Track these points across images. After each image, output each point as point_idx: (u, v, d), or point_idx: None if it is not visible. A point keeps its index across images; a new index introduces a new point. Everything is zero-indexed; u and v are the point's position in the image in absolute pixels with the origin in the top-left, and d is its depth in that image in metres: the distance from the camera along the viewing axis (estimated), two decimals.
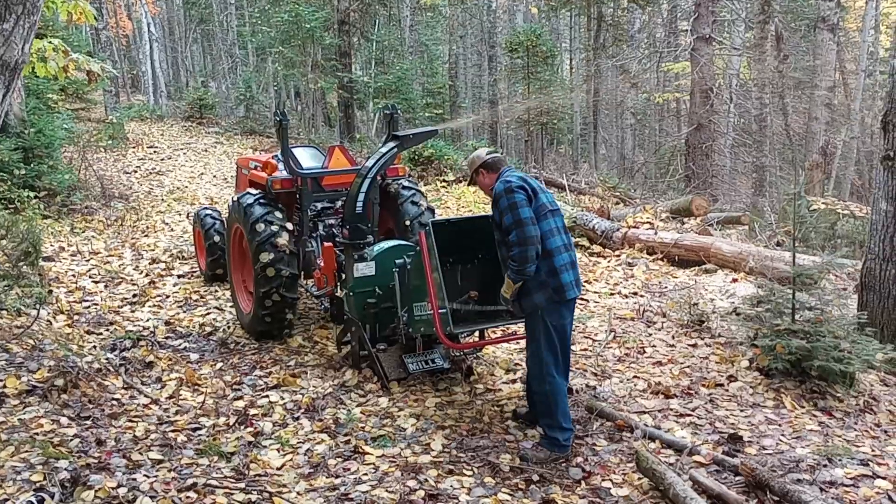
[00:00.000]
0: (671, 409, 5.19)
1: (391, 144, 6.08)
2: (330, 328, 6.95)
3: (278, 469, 4.53)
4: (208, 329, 7.07)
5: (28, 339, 6.08)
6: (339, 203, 7.07)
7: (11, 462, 4.29)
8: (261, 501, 4.10)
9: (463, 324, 5.22)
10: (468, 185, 4.45)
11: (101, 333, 6.81)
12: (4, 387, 5.24)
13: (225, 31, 28.85)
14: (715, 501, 3.96)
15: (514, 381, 5.77)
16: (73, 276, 8.39)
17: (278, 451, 4.75)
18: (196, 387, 5.79)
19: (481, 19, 28.64)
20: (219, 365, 6.26)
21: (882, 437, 4.78)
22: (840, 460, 4.33)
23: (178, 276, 8.71)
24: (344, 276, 6.14)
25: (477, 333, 5.74)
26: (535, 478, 4.36)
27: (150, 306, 7.67)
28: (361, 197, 6.16)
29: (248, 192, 6.68)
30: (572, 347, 6.46)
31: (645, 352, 6.31)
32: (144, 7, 28.32)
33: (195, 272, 8.81)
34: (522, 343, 6.41)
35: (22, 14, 2.98)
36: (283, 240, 6.31)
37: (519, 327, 6.19)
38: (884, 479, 4.16)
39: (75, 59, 6.58)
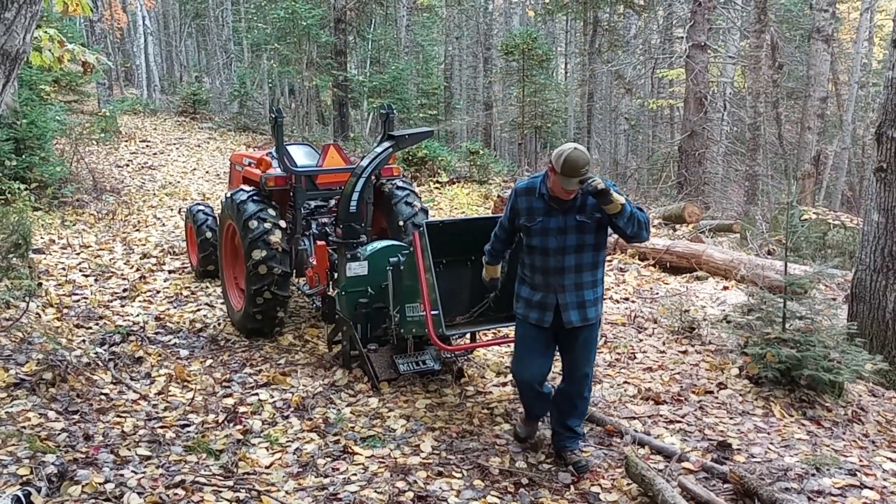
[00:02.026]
0: (661, 416, 5.20)
1: (386, 144, 6.07)
2: (321, 327, 6.93)
3: (267, 468, 4.52)
4: (199, 325, 7.05)
5: (17, 332, 6.04)
6: (333, 202, 7.07)
7: None
8: (249, 500, 4.08)
9: (454, 326, 5.23)
10: (578, 182, 3.94)
11: (90, 327, 6.77)
12: None
13: (220, 27, 28.73)
14: None
15: (504, 385, 5.77)
16: (63, 269, 8.34)
17: (267, 450, 4.73)
18: (185, 383, 5.77)
19: (477, 21, 28.63)
20: (209, 362, 6.23)
21: (870, 447, 4.80)
22: (828, 470, 4.34)
23: (169, 272, 8.67)
24: (336, 275, 6.13)
25: (468, 336, 5.74)
26: (525, 481, 4.37)
27: (140, 301, 7.63)
28: (355, 196, 6.16)
29: (242, 189, 6.66)
30: None
31: (635, 357, 6.32)
32: (140, 0, 28.20)
33: (186, 268, 8.78)
34: (513, 346, 6.43)
35: (24, 3, 2.95)
36: (276, 237, 6.29)
37: (510, 330, 6.19)
38: (871, 489, 4.17)
39: (70, 49, 6.53)
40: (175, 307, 7.54)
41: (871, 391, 5.61)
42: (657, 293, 8.28)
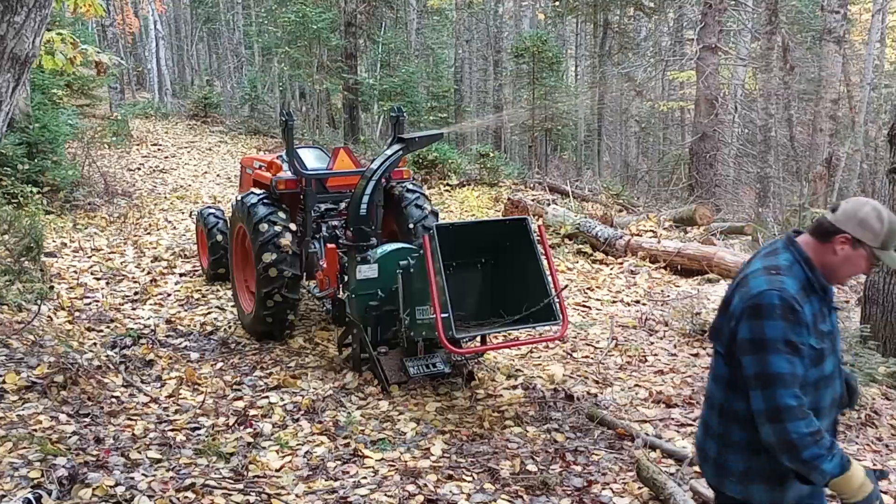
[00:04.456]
0: (672, 419, 5.17)
1: (396, 147, 6.07)
2: (331, 330, 6.93)
3: (277, 471, 4.52)
4: (209, 328, 7.06)
5: (28, 335, 6.07)
6: (343, 205, 7.07)
7: (9, 458, 4.28)
8: (259, 503, 4.08)
9: (464, 328, 5.22)
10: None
11: (101, 330, 6.79)
12: (4, 382, 5.22)
13: (231, 31, 28.88)
14: None
15: (514, 388, 5.75)
16: (75, 272, 8.38)
17: (277, 453, 4.73)
18: (196, 386, 5.78)
19: (488, 24, 28.64)
20: (219, 365, 6.24)
21: (883, 451, 4.77)
22: None
23: (180, 275, 8.69)
24: (346, 278, 6.13)
25: (479, 338, 5.73)
26: (536, 485, 4.34)
27: (151, 304, 7.66)
28: (365, 199, 6.15)
29: (252, 192, 6.67)
30: (574, 354, 6.47)
31: (646, 360, 6.29)
32: (151, 5, 28.37)
33: (197, 271, 8.80)
34: (524, 349, 6.41)
35: (34, 7, 2.96)
36: (286, 240, 6.29)
37: (521, 333, 6.19)
38: (885, 493, 4.13)
39: (84, 49, 6.55)
40: (186, 310, 7.56)
41: (885, 394, 5.55)
42: (668, 296, 8.25)
